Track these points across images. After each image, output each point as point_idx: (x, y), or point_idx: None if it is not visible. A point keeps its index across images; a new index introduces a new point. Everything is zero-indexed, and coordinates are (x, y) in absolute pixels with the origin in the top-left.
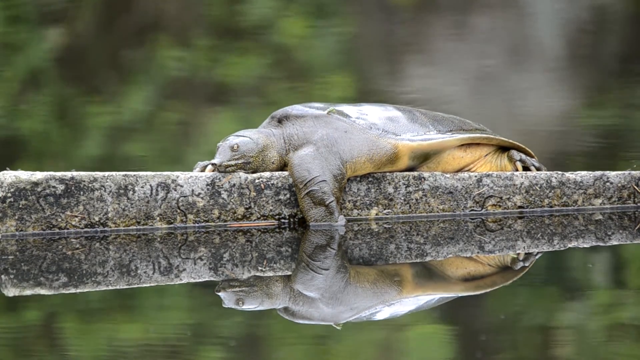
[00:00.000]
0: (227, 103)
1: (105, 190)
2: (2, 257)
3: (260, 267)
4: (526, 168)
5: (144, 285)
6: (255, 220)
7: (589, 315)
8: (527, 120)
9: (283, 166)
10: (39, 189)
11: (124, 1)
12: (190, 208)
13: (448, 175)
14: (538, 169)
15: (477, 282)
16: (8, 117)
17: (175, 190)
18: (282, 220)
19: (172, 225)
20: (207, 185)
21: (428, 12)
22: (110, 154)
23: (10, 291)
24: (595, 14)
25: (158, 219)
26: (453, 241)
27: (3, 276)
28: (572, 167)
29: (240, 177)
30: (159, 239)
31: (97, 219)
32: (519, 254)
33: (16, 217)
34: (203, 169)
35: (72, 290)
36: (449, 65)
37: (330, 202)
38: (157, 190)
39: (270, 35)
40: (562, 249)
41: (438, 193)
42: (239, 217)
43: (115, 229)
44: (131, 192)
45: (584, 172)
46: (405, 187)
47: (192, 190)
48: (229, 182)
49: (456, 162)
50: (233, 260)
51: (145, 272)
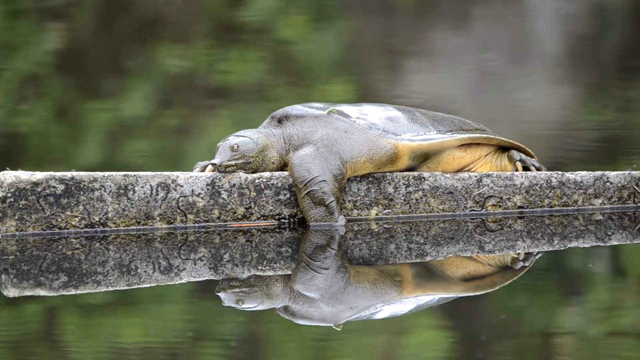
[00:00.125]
0: (227, 103)
1: (105, 190)
2: (2, 257)
3: (260, 267)
4: (526, 168)
5: (144, 285)
6: (255, 220)
7: (589, 315)
8: (527, 120)
9: (283, 166)
10: (39, 189)
11: (123, 1)
12: (190, 208)
13: (448, 176)
14: (538, 169)
15: (477, 282)
16: (7, 116)
17: (175, 190)
18: (282, 220)
19: (172, 225)
20: (207, 185)
21: (428, 12)
22: (110, 154)
23: (10, 291)
24: (595, 13)
25: (158, 219)
26: (453, 241)
27: (3, 276)
28: (572, 167)
29: (240, 177)
30: (159, 239)
31: (97, 219)
32: (519, 254)
33: (16, 217)
34: (203, 169)
35: (72, 291)
36: (449, 65)
37: (330, 202)
38: (157, 190)
39: (270, 35)
40: (562, 249)
41: (438, 193)
42: (239, 217)
43: (115, 229)
44: (131, 192)
45: (584, 172)
46: (405, 187)
47: (192, 190)
48: (229, 182)
49: (456, 162)
50: (233, 260)
51: (145, 272)
